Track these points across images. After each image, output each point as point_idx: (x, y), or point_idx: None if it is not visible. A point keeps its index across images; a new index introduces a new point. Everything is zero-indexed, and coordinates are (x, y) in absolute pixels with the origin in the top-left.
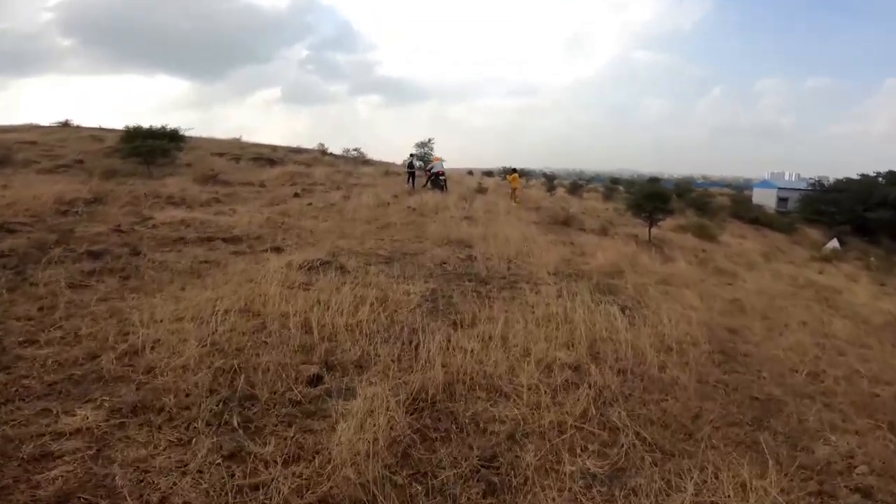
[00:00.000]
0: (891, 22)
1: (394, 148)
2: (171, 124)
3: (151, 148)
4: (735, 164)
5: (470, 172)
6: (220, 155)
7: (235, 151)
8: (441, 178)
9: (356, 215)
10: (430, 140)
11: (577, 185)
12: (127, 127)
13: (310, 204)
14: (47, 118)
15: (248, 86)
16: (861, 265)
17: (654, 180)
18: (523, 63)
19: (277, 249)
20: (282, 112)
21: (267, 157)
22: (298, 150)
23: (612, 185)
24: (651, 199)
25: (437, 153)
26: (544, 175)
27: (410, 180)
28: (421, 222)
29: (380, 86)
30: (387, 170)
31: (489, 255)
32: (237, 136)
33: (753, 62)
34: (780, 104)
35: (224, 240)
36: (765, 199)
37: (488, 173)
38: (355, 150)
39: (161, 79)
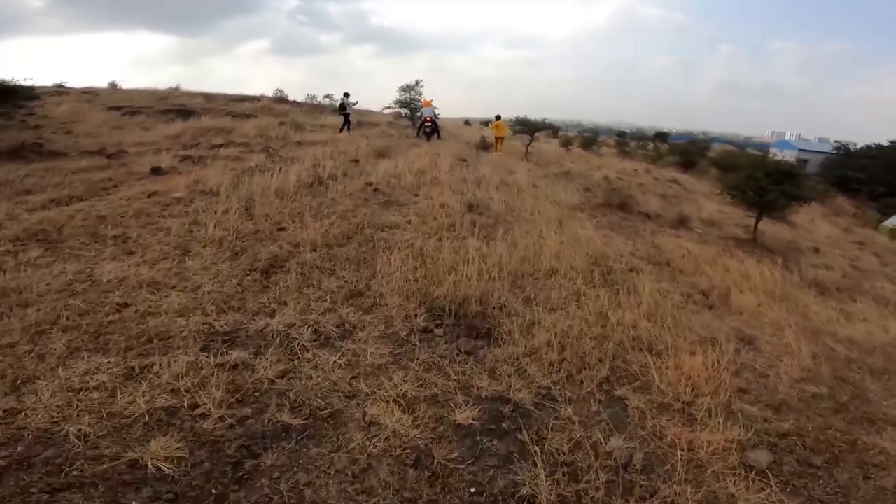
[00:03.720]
0: None
1: (388, 96)
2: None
3: None
4: (735, 122)
5: (467, 122)
6: (117, 108)
7: (150, 103)
8: (427, 125)
9: (235, 223)
10: (417, 83)
11: (591, 139)
12: None
13: (151, 196)
14: None
15: (235, 38)
16: None
17: (661, 135)
18: (524, 14)
19: None
20: (272, 64)
21: (188, 108)
22: (244, 99)
23: (621, 140)
24: (778, 179)
25: (426, 96)
26: (551, 127)
27: (345, 127)
28: (378, 227)
29: (374, 35)
30: (359, 120)
31: (551, 395)
32: (174, 86)
33: (762, 21)
34: (786, 64)
35: None
36: None
37: (487, 123)
38: (326, 96)
39: (141, 35)
